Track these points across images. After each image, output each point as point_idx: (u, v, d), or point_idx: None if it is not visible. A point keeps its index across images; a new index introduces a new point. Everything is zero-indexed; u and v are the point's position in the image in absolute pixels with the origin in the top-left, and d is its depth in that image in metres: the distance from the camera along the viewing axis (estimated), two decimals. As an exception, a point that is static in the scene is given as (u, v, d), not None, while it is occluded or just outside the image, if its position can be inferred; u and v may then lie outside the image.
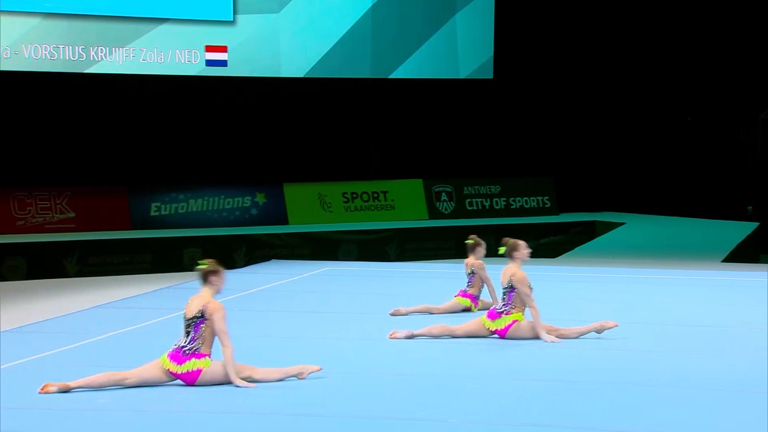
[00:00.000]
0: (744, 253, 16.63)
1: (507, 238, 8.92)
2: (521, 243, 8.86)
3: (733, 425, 6.27)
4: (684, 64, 21.45)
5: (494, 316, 8.76)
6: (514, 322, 8.68)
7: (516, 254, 8.80)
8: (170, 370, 7.07)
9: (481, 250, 10.02)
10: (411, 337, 8.80)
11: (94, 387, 6.96)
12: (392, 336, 8.83)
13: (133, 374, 7.07)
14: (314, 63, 19.00)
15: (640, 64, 21.74)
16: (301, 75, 19.02)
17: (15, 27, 16.91)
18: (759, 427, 6.19)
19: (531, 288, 8.64)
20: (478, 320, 8.89)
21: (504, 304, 8.74)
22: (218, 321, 7.06)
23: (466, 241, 10.12)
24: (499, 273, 8.89)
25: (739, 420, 6.38)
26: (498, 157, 21.19)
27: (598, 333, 8.77)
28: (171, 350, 7.14)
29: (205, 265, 7.32)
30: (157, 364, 7.12)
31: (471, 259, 10.07)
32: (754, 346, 8.59)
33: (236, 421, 6.35)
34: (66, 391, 6.86)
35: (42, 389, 6.86)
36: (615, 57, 21.75)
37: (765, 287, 11.93)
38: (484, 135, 21.08)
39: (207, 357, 7.09)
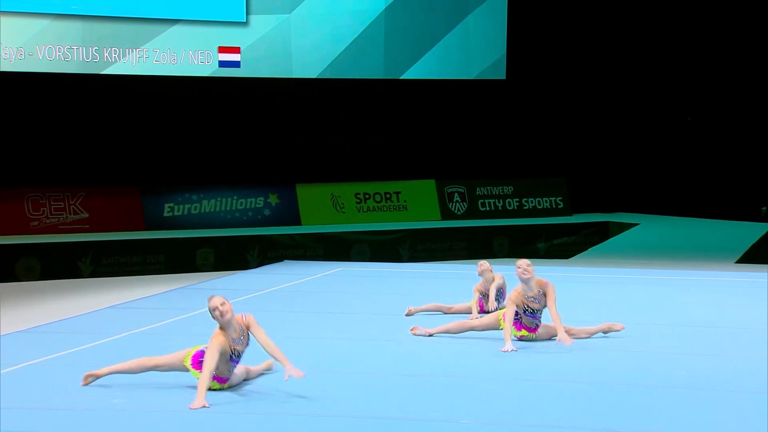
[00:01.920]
0: (758, 254, 16.56)
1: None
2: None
3: (746, 427, 6.24)
4: (698, 65, 21.38)
5: (518, 327, 8.73)
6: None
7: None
8: (194, 375, 7.06)
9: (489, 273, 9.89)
10: (429, 335, 8.80)
11: (127, 372, 7.11)
12: (413, 331, 8.86)
13: (165, 361, 7.12)
14: (327, 64, 19.03)
15: (653, 63, 21.68)
16: (313, 76, 19.05)
17: (29, 28, 16.99)
18: (773, 428, 6.17)
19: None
20: (495, 315, 8.86)
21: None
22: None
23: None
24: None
25: (752, 422, 6.35)
26: (511, 158, 21.17)
27: (605, 333, 8.80)
28: (195, 351, 7.07)
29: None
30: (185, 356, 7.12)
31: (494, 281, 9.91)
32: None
33: (249, 422, 6.35)
34: (97, 377, 7.07)
35: (85, 381, 7.05)
36: (628, 57, 21.70)
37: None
38: (496, 135, 21.07)
39: None
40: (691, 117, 21.43)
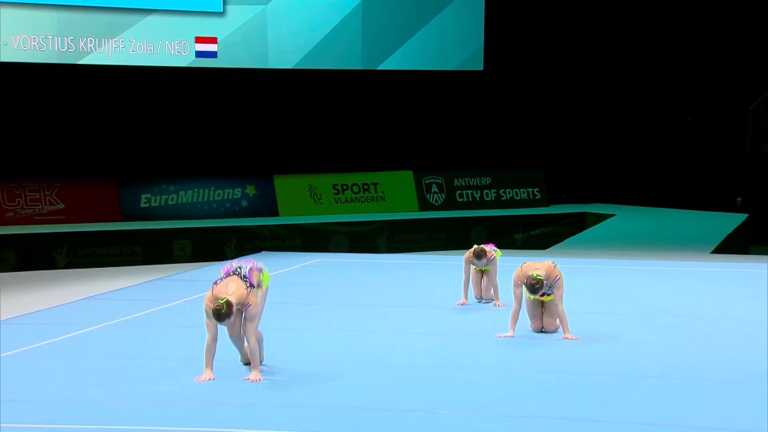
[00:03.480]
0: (733, 245, 16.68)
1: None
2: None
3: (722, 415, 6.29)
4: (674, 55, 21.49)
5: None
6: None
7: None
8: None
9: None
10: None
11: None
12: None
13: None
14: (304, 54, 18.98)
15: (630, 54, 21.77)
16: (290, 66, 18.99)
17: (4, 17, 16.84)
18: (747, 416, 6.22)
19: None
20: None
21: None
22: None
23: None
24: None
25: (727, 410, 6.41)
26: (488, 149, 21.20)
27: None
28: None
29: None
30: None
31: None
32: (743, 338, 8.63)
33: (225, 412, 6.34)
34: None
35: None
36: (605, 48, 21.77)
37: (754, 279, 11.99)
38: (474, 126, 21.09)
39: None
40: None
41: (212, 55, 18.29)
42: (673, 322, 9.31)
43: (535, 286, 8.34)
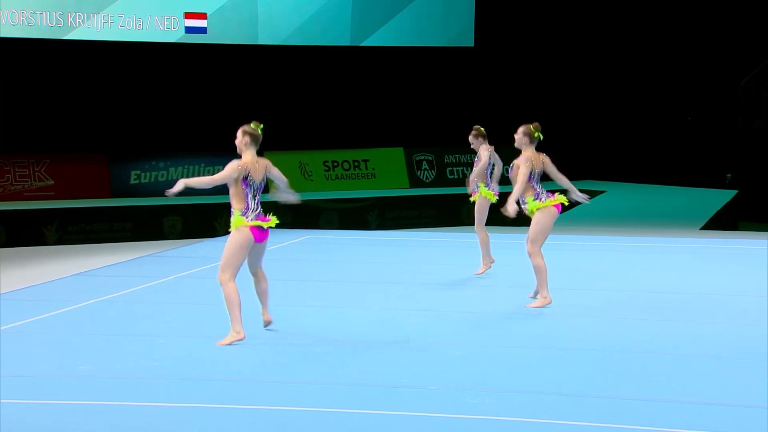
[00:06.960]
0: (723, 221, 16.73)
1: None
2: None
3: (712, 389, 6.33)
4: (665, 30, 21.45)
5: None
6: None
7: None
8: (260, 228, 8.03)
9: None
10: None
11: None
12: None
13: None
14: (293, 30, 18.88)
15: (620, 30, 21.72)
16: (279, 42, 18.89)
17: (-9, -7, 16.73)
18: (737, 390, 6.26)
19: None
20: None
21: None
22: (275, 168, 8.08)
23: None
24: None
25: (716, 384, 6.44)
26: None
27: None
28: (248, 220, 8.15)
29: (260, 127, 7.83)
30: (244, 235, 7.93)
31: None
32: (732, 313, 8.67)
33: (214, 388, 6.35)
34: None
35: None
36: (596, 24, 21.72)
37: (743, 255, 12.04)
38: (465, 103, 21.06)
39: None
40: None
41: (202, 30, 18.18)
42: (662, 298, 9.34)
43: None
